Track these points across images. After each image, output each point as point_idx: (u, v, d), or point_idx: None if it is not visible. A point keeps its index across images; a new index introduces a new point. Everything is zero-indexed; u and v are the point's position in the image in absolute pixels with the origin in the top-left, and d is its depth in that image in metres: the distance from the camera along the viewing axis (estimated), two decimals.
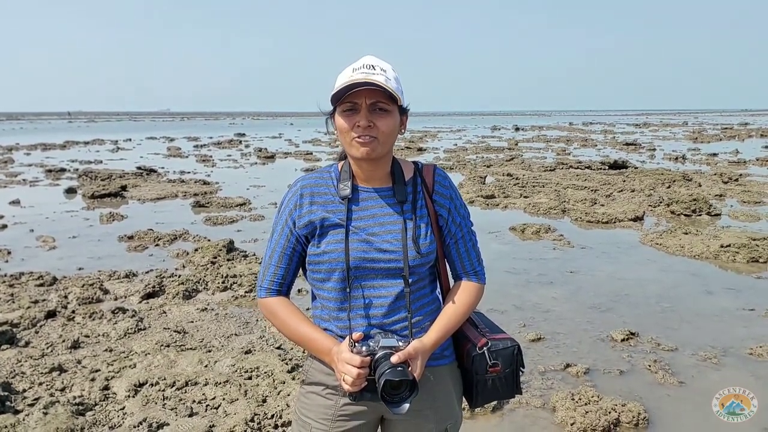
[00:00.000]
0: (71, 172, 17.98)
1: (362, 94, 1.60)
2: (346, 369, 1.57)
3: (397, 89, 1.62)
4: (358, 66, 1.64)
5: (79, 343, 4.62)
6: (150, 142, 37.56)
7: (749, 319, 5.24)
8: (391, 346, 1.60)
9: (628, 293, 6.00)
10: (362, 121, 1.62)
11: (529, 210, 10.84)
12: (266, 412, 3.50)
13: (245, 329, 5.00)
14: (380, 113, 1.63)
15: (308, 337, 1.72)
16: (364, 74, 1.60)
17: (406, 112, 1.73)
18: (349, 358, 1.57)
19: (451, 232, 1.79)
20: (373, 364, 1.58)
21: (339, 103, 1.65)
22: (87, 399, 3.65)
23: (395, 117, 1.66)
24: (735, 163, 19.44)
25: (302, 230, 1.72)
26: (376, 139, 1.63)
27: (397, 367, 1.55)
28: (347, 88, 1.59)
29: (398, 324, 1.70)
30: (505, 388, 1.79)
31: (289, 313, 1.76)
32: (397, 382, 1.53)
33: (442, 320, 1.74)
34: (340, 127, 1.66)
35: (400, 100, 1.63)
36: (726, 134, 39.24)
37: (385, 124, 1.63)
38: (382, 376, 1.54)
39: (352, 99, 1.62)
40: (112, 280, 6.42)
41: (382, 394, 1.53)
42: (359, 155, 1.65)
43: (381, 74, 1.61)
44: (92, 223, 10.10)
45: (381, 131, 1.63)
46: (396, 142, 1.77)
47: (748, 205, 11.16)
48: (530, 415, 3.63)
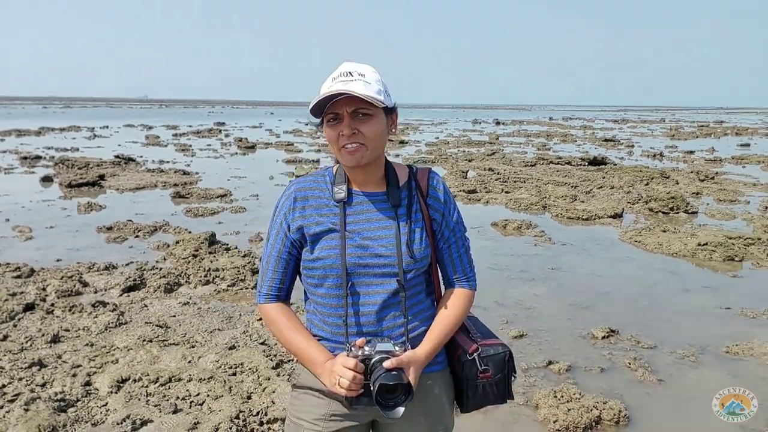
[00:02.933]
0: (47, 160, 17.65)
1: (342, 103, 1.61)
2: (341, 371, 1.57)
3: (378, 92, 1.62)
4: (336, 75, 1.65)
5: (59, 337, 4.56)
6: (128, 129, 37.00)
7: (725, 317, 5.35)
8: (387, 350, 1.61)
9: (608, 290, 6.09)
10: (345, 130, 1.62)
11: (511, 205, 10.92)
12: (251, 409, 3.49)
13: (228, 324, 4.97)
14: (363, 118, 1.63)
15: (302, 348, 1.71)
16: (342, 83, 1.61)
17: (393, 110, 1.73)
18: (345, 360, 1.57)
19: (444, 237, 1.80)
20: (368, 368, 1.59)
21: (324, 114, 1.66)
22: (68, 395, 3.60)
23: (380, 119, 1.66)
24: (711, 161, 19.78)
25: (295, 234, 1.72)
26: (364, 145, 1.64)
27: (392, 371, 1.56)
28: (324, 101, 1.60)
29: (395, 330, 1.70)
30: (496, 394, 1.80)
31: (286, 321, 1.76)
32: (392, 386, 1.54)
33: (435, 330, 1.75)
34: (328, 137, 1.68)
35: (380, 103, 1.62)
36: (702, 132, 39.85)
37: (369, 129, 1.63)
38: (377, 379, 1.54)
39: (334, 110, 1.63)
40: (92, 272, 6.33)
41: (377, 397, 1.54)
42: (349, 163, 1.66)
43: (359, 80, 1.62)
44: (70, 213, 9.94)
45: (367, 137, 1.63)
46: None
47: (724, 203, 11.37)
48: (513, 412, 3.67)
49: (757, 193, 12.61)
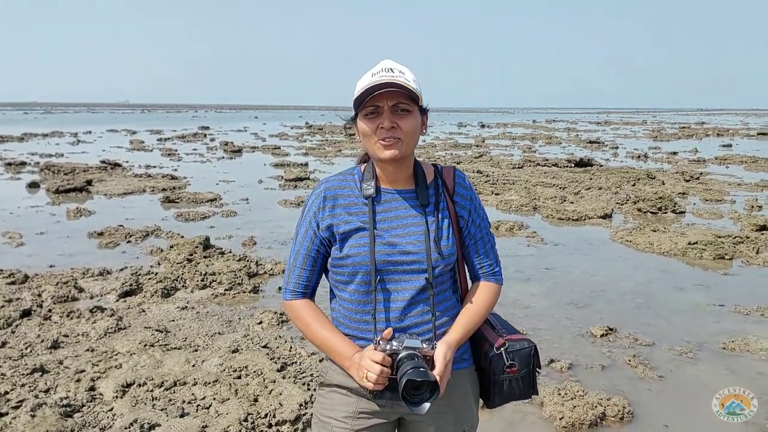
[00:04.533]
0: (32, 166, 17.44)
1: (384, 96, 1.62)
2: (368, 365, 1.58)
3: (416, 90, 1.65)
4: (377, 70, 1.66)
5: (58, 342, 4.51)
6: (111, 134, 36.65)
7: (719, 314, 5.44)
8: (415, 347, 1.62)
9: (603, 289, 6.16)
10: (385, 123, 1.64)
11: (501, 207, 10.99)
12: (259, 412, 3.48)
13: (228, 328, 4.96)
14: (402, 114, 1.65)
15: (330, 341, 1.73)
16: (384, 77, 1.62)
17: (426, 112, 1.75)
18: (372, 354, 1.59)
19: (471, 234, 1.83)
20: (395, 363, 1.60)
21: (361, 108, 1.67)
22: (74, 400, 3.57)
23: (417, 117, 1.69)
24: (695, 161, 20.05)
25: (325, 233, 1.74)
26: (400, 140, 1.66)
27: (420, 367, 1.57)
28: (369, 90, 1.61)
29: (422, 326, 1.72)
30: (522, 389, 1.82)
31: (313, 317, 1.77)
32: (418, 382, 1.54)
33: (463, 320, 1.76)
34: (363, 131, 1.68)
35: (421, 99, 1.66)
36: (684, 133, 40.40)
37: (407, 124, 1.66)
38: (404, 375, 1.55)
39: (374, 102, 1.64)
40: (86, 277, 6.27)
41: (402, 393, 1.55)
42: (385, 157, 1.67)
43: (400, 76, 1.64)
44: (59, 218, 9.84)
45: (404, 132, 1.65)
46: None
47: (710, 203, 11.54)
48: (519, 410, 3.70)
49: (742, 193, 12.81)
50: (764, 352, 4.56)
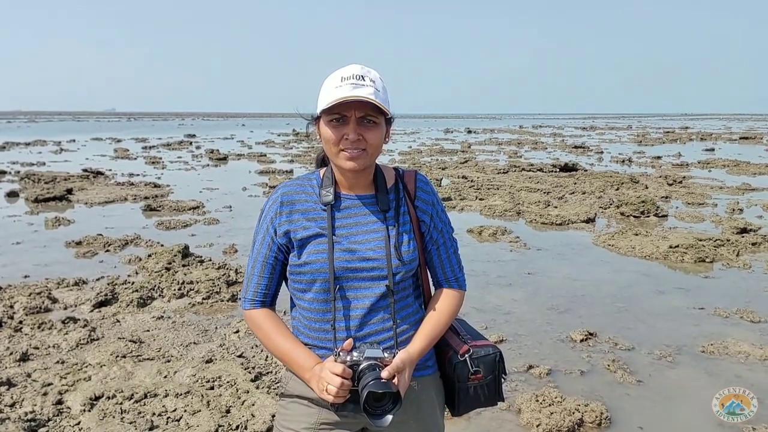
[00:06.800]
0: (12, 175, 17.20)
1: (352, 106, 1.59)
2: (329, 377, 1.53)
3: (384, 101, 1.61)
4: (347, 75, 1.60)
5: (27, 355, 4.40)
6: (95, 143, 36.31)
7: (699, 317, 5.43)
8: (376, 357, 1.57)
9: (584, 294, 6.14)
10: (351, 135, 1.60)
11: (485, 212, 10.97)
12: (230, 423, 3.41)
13: (204, 337, 4.87)
14: (369, 125, 1.62)
15: (290, 352, 1.68)
16: (353, 86, 1.57)
17: (391, 122, 1.71)
18: (332, 366, 1.54)
19: (432, 239, 1.79)
20: (357, 374, 1.55)
21: (326, 112, 1.61)
22: (39, 414, 3.47)
23: (382, 128, 1.66)
24: (678, 165, 20.20)
25: (282, 239, 1.68)
26: (365, 151, 1.62)
27: (381, 379, 1.52)
28: (339, 102, 1.56)
29: (383, 334, 1.67)
30: (487, 396, 1.78)
31: (273, 327, 1.72)
32: (380, 394, 1.51)
33: (426, 329, 1.72)
34: (327, 137, 1.63)
35: (388, 112, 1.62)
36: (668, 137, 40.76)
37: (373, 136, 1.62)
38: (365, 387, 1.50)
39: (341, 111, 1.60)
40: (61, 288, 6.16)
41: (364, 405, 1.50)
42: (347, 168, 1.63)
43: (370, 85, 1.59)
44: (37, 228, 9.68)
45: (369, 144, 1.62)
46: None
47: (693, 206, 11.59)
48: (496, 417, 3.66)
49: (724, 196, 12.90)
50: (743, 354, 4.55)
